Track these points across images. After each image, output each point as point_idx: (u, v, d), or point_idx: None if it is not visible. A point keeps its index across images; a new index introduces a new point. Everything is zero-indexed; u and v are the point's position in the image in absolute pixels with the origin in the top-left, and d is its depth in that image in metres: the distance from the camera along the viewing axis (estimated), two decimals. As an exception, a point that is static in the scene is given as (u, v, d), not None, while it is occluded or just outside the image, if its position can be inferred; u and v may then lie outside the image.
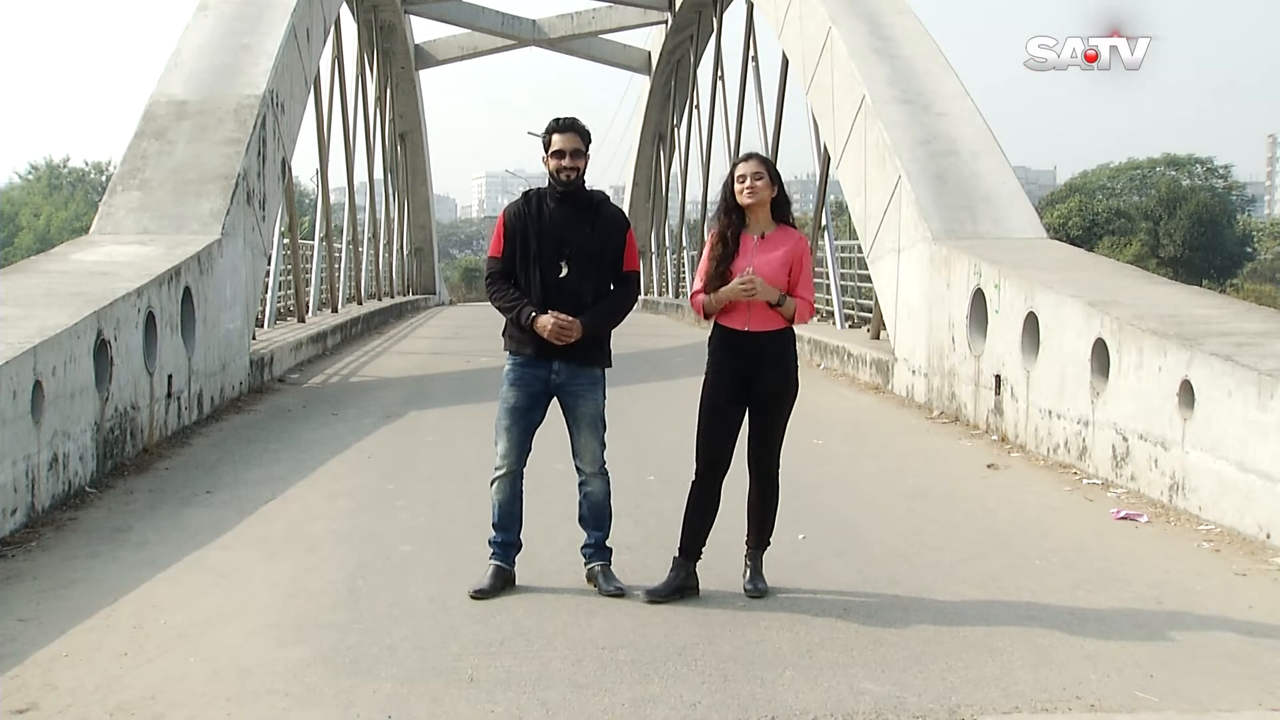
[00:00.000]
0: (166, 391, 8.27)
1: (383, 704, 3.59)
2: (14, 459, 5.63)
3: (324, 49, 16.92)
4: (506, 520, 4.79)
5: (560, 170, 4.69)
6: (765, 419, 4.70)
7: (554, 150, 4.69)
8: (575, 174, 4.70)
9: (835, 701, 3.62)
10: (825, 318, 17.42)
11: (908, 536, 5.66)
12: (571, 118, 4.75)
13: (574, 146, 4.69)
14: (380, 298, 27.35)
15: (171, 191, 10.54)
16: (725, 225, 4.69)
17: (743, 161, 4.73)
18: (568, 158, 4.68)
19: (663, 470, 6.70)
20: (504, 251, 4.75)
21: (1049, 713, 3.57)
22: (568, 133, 4.70)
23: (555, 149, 4.69)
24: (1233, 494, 5.72)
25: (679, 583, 4.65)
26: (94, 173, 68.30)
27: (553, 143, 4.70)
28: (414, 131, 34.39)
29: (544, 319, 4.61)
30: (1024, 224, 10.58)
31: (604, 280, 4.75)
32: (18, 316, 6.61)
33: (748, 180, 4.64)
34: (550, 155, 4.71)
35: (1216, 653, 4.07)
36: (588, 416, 4.77)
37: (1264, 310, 7.82)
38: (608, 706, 3.58)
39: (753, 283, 4.53)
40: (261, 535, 5.67)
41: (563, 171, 4.68)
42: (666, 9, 29.80)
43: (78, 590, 4.74)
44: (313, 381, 12.34)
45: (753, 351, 4.63)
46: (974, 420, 9.03)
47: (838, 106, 13.24)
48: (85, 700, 3.62)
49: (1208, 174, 63.73)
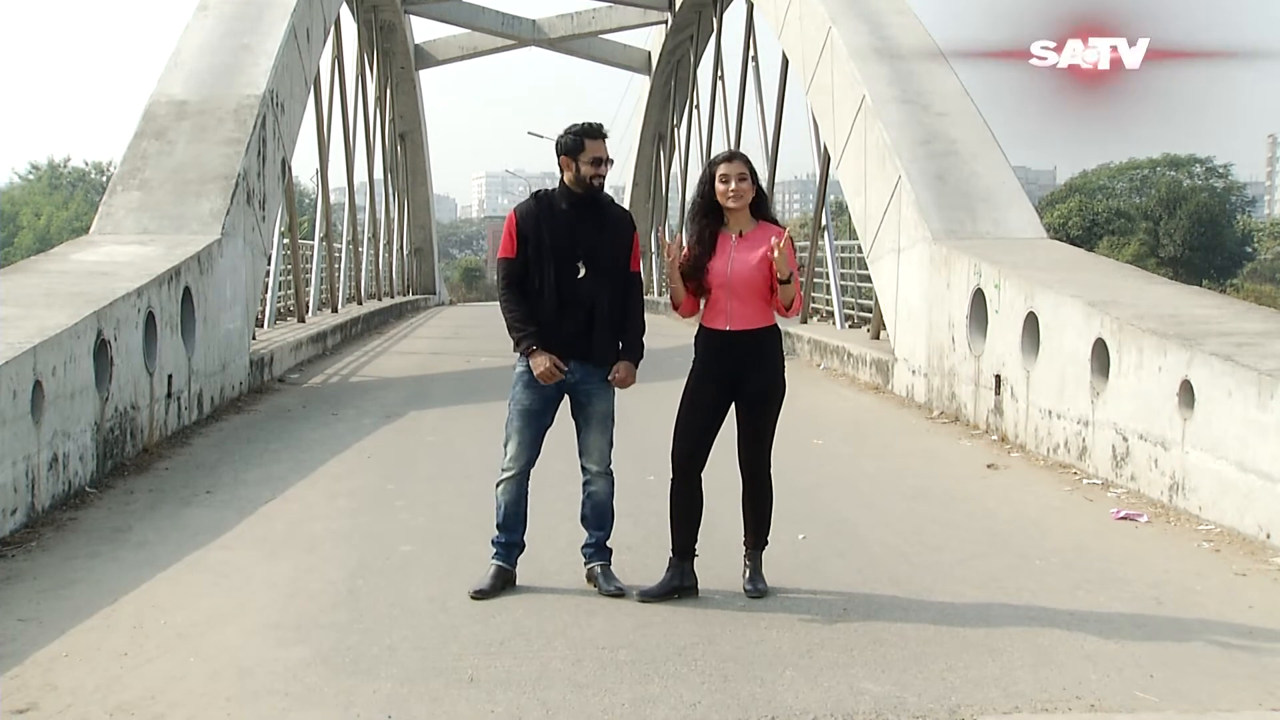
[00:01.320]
0: (166, 391, 8.27)
1: (383, 704, 3.59)
2: (14, 459, 5.63)
3: (324, 49, 16.92)
4: (511, 521, 4.79)
5: (593, 177, 4.68)
6: (753, 419, 4.67)
7: (593, 157, 4.66)
8: (603, 181, 4.74)
9: (835, 701, 3.62)
10: (825, 318, 17.42)
11: (908, 536, 5.66)
12: (600, 123, 4.75)
13: (608, 154, 4.72)
14: (380, 298, 27.34)
15: (171, 191, 10.55)
16: (703, 226, 4.65)
17: (724, 162, 4.63)
18: (604, 165, 4.70)
19: (663, 470, 6.65)
20: (518, 252, 4.74)
21: (1049, 713, 3.57)
22: (602, 139, 4.70)
23: (594, 156, 4.66)
24: (1233, 494, 5.72)
25: (674, 583, 4.64)
26: (94, 172, 68.35)
27: (588, 148, 4.66)
28: (414, 131, 34.37)
29: (540, 359, 4.63)
30: (1024, 224, 10.58)
31: (617, 281, 4.75)
32: (18, 316, 6.61)
33: (732, 183, 4.57)
34: (587, 161, 4.67)
35: (1216, 653, 4.07)
36: (599, 414, 4.77)
37: (1264, 310, 7.83)
38: (608, 706, 3.58)
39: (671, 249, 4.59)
40: (261, 535, 5.67)
41: (595, 179, 4.69)
42: (666, 9, 29.78)
43: (78, 590, 4.74)
44: (313, 381, 12.34)
45: (736, 351, 4.60)
46: (974, 420, 9.03)
47: (838, 106, 13.24)
48: (85, 700, 3.62)
49: (1208, 174, 63.75)
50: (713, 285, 4.59)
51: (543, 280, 4.69)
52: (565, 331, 4.67)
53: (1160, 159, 64.68)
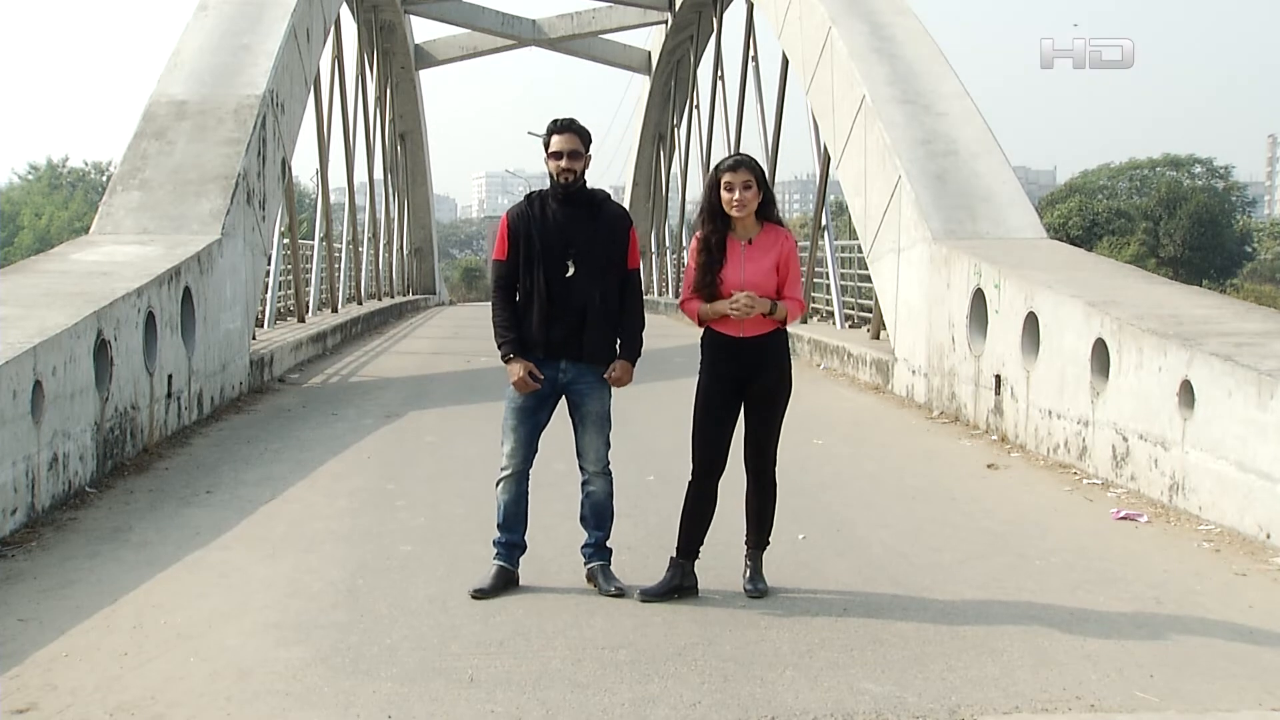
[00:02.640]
0: (166, 391, 8.28)
1: (383, 704, 3.59)
2: (14, 459, 5.63)
3: (324, 49, 16.92)
4: (512, 521, 4.79)
5: (559, 172, 4.69)
6: (761, 419, 4.69)
7: (552, 151, 4.70)
8: (573, 175, 4.70)
9: (835, 701, 3.62)
10: (825, 318, 17.42)
11: (908, 536, 5.66)
12: (569, 119, 4.75)
13: (572, 148, 4.68)
14: (380, 298, 27.35)
15: (171, 191, 10.55)
16: (710, 231, 4.64)
17: (730, 170, 4.60)
18: (565, 159, 4.67)
19: (662, 470, 6.69)
20: (508, 254, 4.75)
21: (1049, 713, 3.57)
22: (565, 134, 4.70)
23: (554, 150, 4.69)
24: (1233, 494, 5.72)
25: (674, 583, 4.65)
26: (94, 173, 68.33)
27: (551, 144, 4.71)
28: (414, 131, 34.39)
29: (515, 368, 4.66)
30: (1024, 224, 10.58)
31: (611, 279, 4.74)
32: (18, 316, 6.61)
33: (737, 192, 4.55)
34: (549, 156, 4.72)
35: (1216, 653, 4.07)
36: (594, 415, 4.77)
37: (1264, 310, 7.82)
38: (608, 706, 3.58)
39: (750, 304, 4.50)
40: (261, 535, 5.67)
41: (561, 173, 4.69)
42: (666, 9, 29.79)
43: (78, 590, 4.74)
44: (313, 381, 12.34)
45: (746, 355, 4.61)
46: (974, 420, 9.03)
47: (838, 107, 13.24)
48: (85, 700, 3.62)
49: (1208, 174, 63.75)
50: (726, 294, 4.58)
51: (533, 280, 4.69)
52: (557, 331, 4.67)
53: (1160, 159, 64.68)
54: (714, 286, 4.58)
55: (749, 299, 4.51)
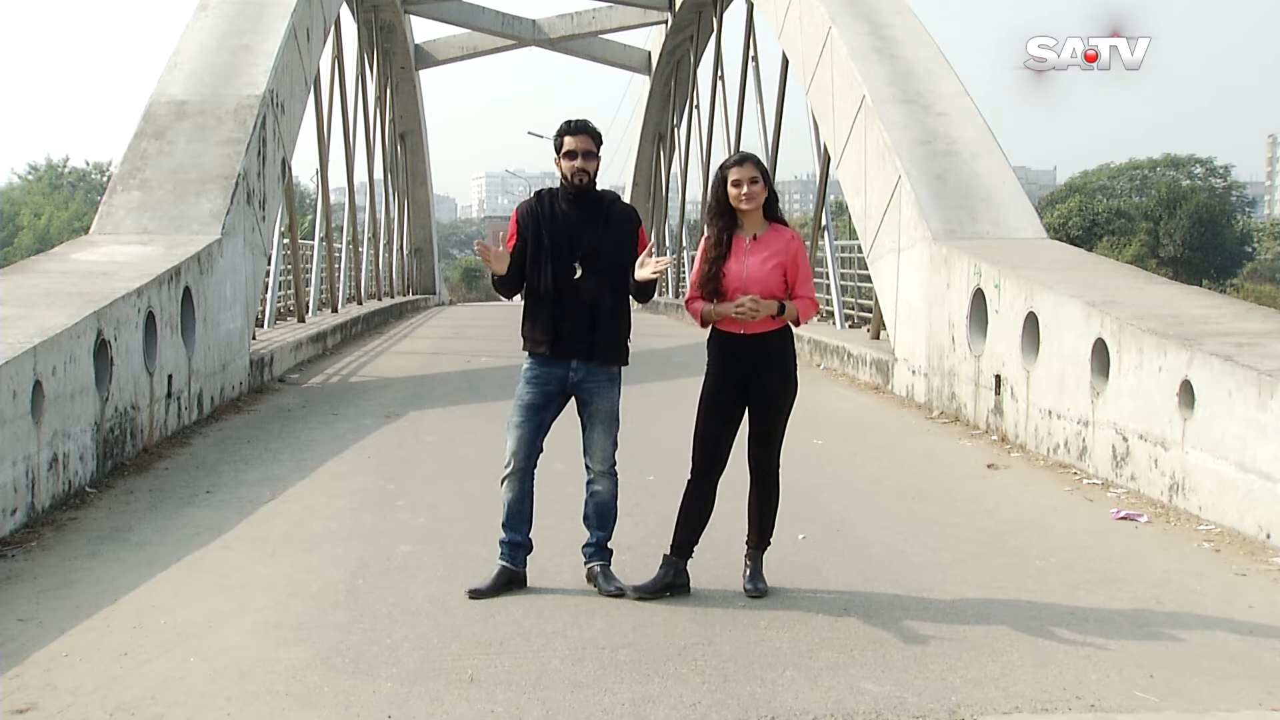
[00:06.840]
0: (166, 391, 8.28)
1: (383, 704, 3.59)
2: (14, 459, 5.63)
3: (324, 49, 16.91)
4: (515, 520, 4.78)
5: (573, 172, 4.70)
6: (765, 419, 4.70)
7: (566, 151, 4.71)
8: (587, 176, 4.72)
9: (835, 701, 3.62)
10: (825, 318, 17.43)
11: (908, 536, 5.66)
12: (584, 120, 4.77)
13: (586, 148, 4.70)
14: (380, 298, 27.34)
15: (171, 191, 10.55)
16: (720, 229, 4.66)
17: (736, 165, 4.64)
18: (580, 159, 4.69)
19: (663, 470, 6.69)
20: (515, 246, 4.77)
21: (1049, 713, 3.57)
22: (580, 134, 4.72)
23: (568, 150, 4.70)
24: (1233, 494, 5.72)
25: (667, 580, 4.65)
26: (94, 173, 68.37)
27: (565, 144, 4.72)
28: (414, 131, 34.39)
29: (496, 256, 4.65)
30: (1024, 224, 10.58)
31: (621, 281, 4.75)
32: (18, 316, 6.61)
33: (744, 186, 4.58)
34: (562, 156, 4.73)
35: (1216, 653, 4.07)
36: (602, 414, 4.77)
37: (1264, 310, 7.82)
38: (608, 706, 3.58)
39: (754, 308, 4.51)
40: (261, 535, 5.67)
41: (575, 174, 4.70)
42: (666, 9, 29.79)
43: (78, 590, 4.74)
44: (313, 381, 12.34)
45: (751, 354, 4.62)
46: (974, 420, 9.03)
47: (838, 106, 13.24)
48: (85, 700, 3.62)
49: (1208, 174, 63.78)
50: (728, 290, 4.59)
51: (541, 280, 4.71)
52: (566, 330, 4.68)
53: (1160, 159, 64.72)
54: (717, 280, 4.59)
55: (754, 302, 4.51)
